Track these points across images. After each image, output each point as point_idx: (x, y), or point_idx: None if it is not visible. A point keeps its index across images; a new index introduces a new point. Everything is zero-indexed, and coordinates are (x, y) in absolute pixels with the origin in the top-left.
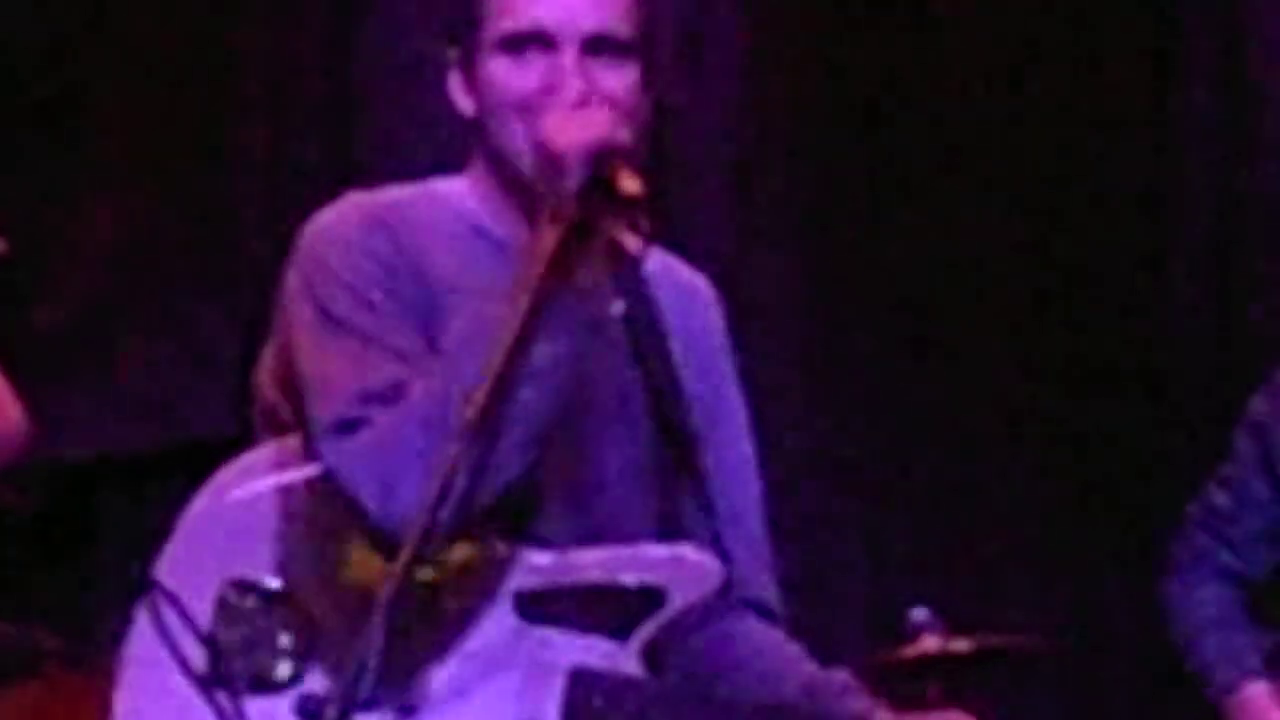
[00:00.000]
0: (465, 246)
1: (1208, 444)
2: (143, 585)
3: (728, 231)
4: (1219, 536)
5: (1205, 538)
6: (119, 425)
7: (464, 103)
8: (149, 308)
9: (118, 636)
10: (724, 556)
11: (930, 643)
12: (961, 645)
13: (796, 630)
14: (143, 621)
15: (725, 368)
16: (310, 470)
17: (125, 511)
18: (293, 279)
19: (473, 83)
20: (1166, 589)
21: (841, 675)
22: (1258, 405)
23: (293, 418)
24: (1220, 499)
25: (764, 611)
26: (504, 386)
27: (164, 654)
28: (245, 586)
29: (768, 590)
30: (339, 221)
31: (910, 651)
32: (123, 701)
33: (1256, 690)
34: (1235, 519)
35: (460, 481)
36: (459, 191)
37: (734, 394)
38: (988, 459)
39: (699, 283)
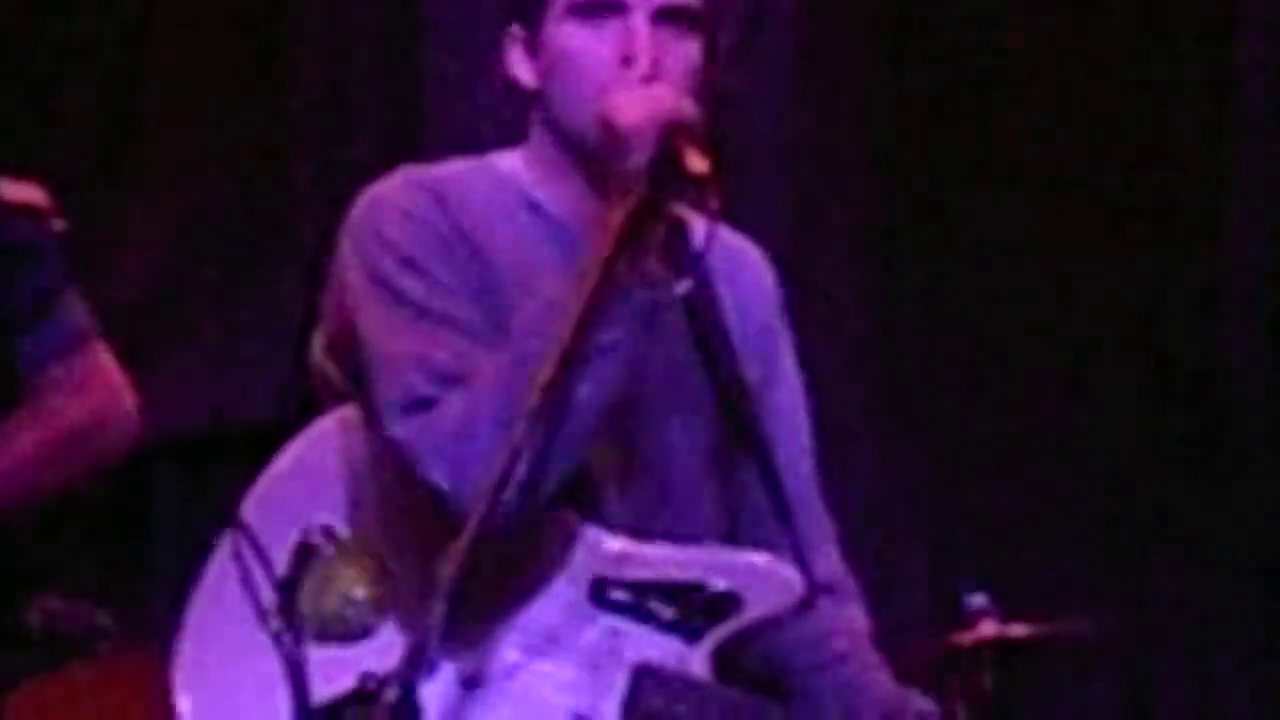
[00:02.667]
0: (519, 221)
1: (1266, 437)
2: (203, 550)
3: (786, 219)
4: None
5: None
6: (176, 409)
7: (525, 75)
8: (205, 294)
9: (173, 618)
10: (799, 552)
11: (987, 628)
12: (1018, 631)
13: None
14: (220, 560)
15: (780, 341)
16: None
17: (181, 494)
18: (348, 252)
19: (537, 53)
20: None
21: (920, 703)
22: None
23: (347, 386)
24: None
25: (833, 591)
26: (569, 368)
27: (237, 591)
28: (327, 535)
29: (831, 564)
30: (393, 194)
31: (967, 637)
32: (190, 632)
33: None
34: None
35: (525, 463)
36: (514, 166)
37: (788, 367)
38: (1049, 448)
39: (749, 249)
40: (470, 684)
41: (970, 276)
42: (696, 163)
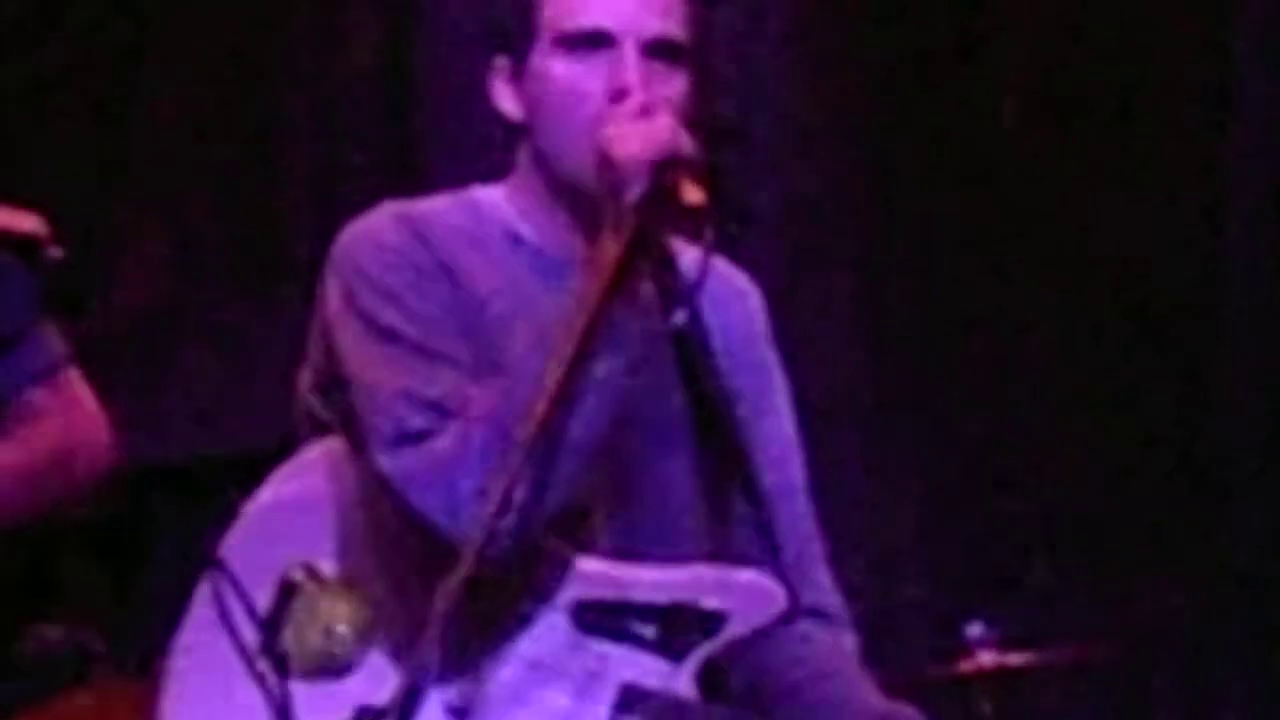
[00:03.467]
0: (502, 254)
1: (1259, 454)
2: (204, 566)
3: (779, 249)
4: None
5: None
6: (175, 436)
7: (511, 107)
8: (200, 319)
9: (168, 644)
10: (782, 570)
11: (985, 657)
12: (1016, 660)
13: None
14: (202, 599)
15: (769, 367)
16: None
17: (177, 521)
18: (333, 289)
19: (524, 85)
20: None
21: (908, 713)
22: None
23: (333, 420)
24: None
25: (820, 614)
26: (563, 400)
27: (219, 632)
28: (309, 571)
29: (821, 588)
30: (375, 230)
31: (965, 666)
32: (174, 677)
33: None
34: None
35: (520, 494)
36: (497, 200)
37: (779, 393)
38: (1043, 469)
39: (738, 277)
40: (457, 714)
41: (963, 293)
42: (693, 194)
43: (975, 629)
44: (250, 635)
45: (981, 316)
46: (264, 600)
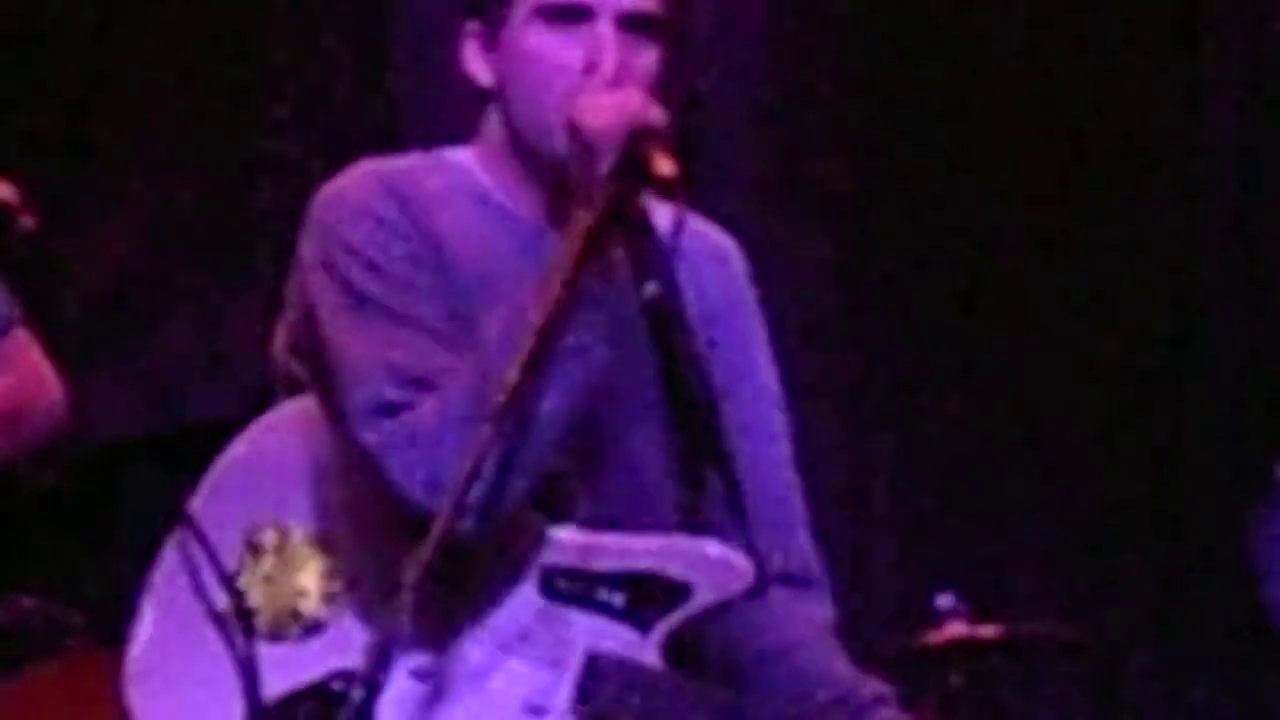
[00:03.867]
0: (474, 217)
1: (1238, 427)
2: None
3: (760, 218)
4: None
5: None
6: (143, 406)
7: (482, 74)
8: (172, 291)
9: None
10: (751, 541)
11: (955, 629)
12: (987, 632)
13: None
14: (170, 556)
15: (751, 326)
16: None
17: (149, 493)
18: (309, 251)
19: (498, 53)
20: (1256, 556)
21: (875, 685)
22: None
23: (309, 380)
24: None
25: (796, 581)
26: (536, 372)
27: (187, 589)
28: (275, 530)
29: (799, 553)
30: (351, 191)
31: (935, 638)
32: (141, 635)
33: None
34: None
35: (491, 468)
36: (466, 162)
37: (760, 354)
38: (1017, 446)
39: (721, 241)
40: (421, 677)
41: (942, 270)
42: (664, 166)
43: (946, 600)
44: (217, 592)
45: (966, 293)
46: (232, 556)
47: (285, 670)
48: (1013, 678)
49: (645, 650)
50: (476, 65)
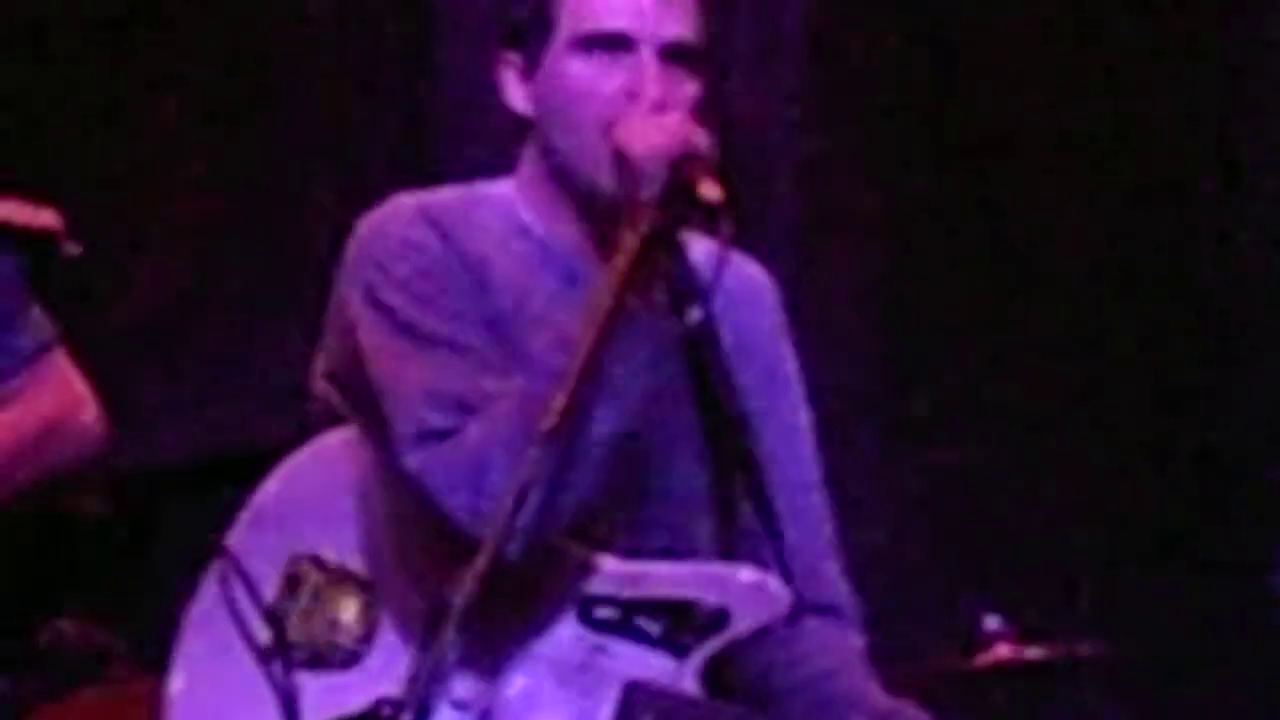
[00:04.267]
0: (515, 247)
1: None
2: (212, 554)
3: (797, 240)
4: None
5: None
6: (188, 431)
7: (521, 103)
8: (218, 316)
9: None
10: (786, 568)
11: (1002, 651)
12: (1033, 653)
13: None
14: (209, 590)
15: (783, 360)
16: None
17: (190, 517)
18: (350, 282)
19: (537, 82)
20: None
21: (910, 711)
22: None
23: (349, 412)
24: None
25: (829, 611)
26: (583, 398)
27: (226, 622)
28: (315, 562)
29: (829, 584)
30: (391, 222)
31: (982, 659)
32: (181, 669)
33: None
34: None
35: (537, 493)
36: (506, 194)
37: (792, 387)
38: (1064, 467)
39: (752, 271)
40: (461, 707)
41: (976, 295)
42: (710, 190)
43: (992, 621)
44: (257, 625)
45: (999, 312)
46: (271, 588)
47: (326, 701)
48: (1058, 700)
49: (683, 677)
50: (515, 95)
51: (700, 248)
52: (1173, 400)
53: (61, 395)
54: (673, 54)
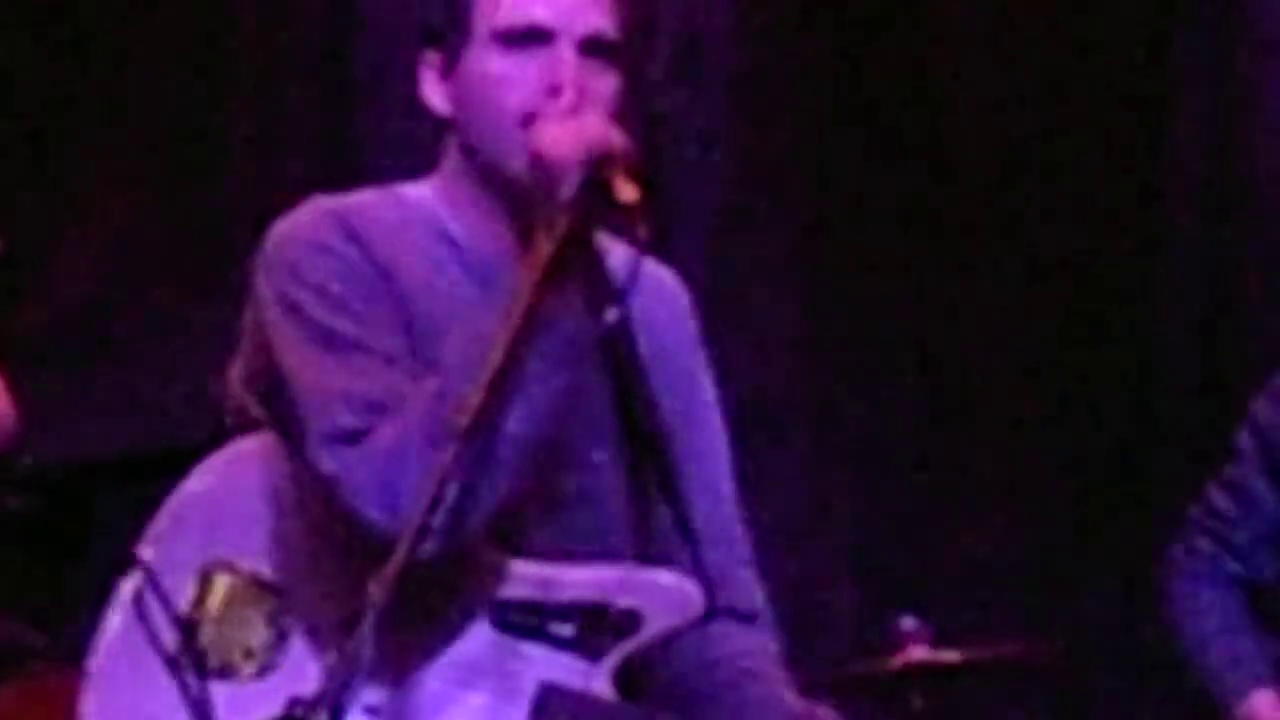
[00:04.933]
0: (431, 249)
1: (1198, 447)
2: (127, 563)
3: (720, 244)
4: (1222, 541)
5: (1208, 542)
6: (115, 428)
7: (440, 103)
8: (141, 310)
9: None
10: (701, 570)
11: (917, 652)
12: (949, 655)
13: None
14: (122, 597)
15: (698, 367)
16: (295, 469)
17: (116, 513)
18: (265, 286)
19: (456, 81)
20: (1170, 594)
21: (826, 713)
22: (1261, 409)
23: (264, 417)
24: (1223, 502)
25: (743, 616)
26: (498, 399)
27: (139, 631)
28: (228, 568)
29: (745, 590)
30: (304, 227)
31: (897, 661)
32: (94, 675)
33: (1265, 698)
34: (1239, 523)
35: (453, 491)
36: (424, 195)
37: (706, 393)
38: (979, 467)
39: (664, 276)
40: (374, 713)
41: (901, 297)
42: (627, 191)
43: (908, 622)
44: (169, 634)
45: (926, 313)
46: (184, 596)
47: (240, 709)
48: (975, 700)
49: (597, 680)
50: (434, 94)
51: (619, 251)
52: (1095, 402)
53: None
54: (591, 47)
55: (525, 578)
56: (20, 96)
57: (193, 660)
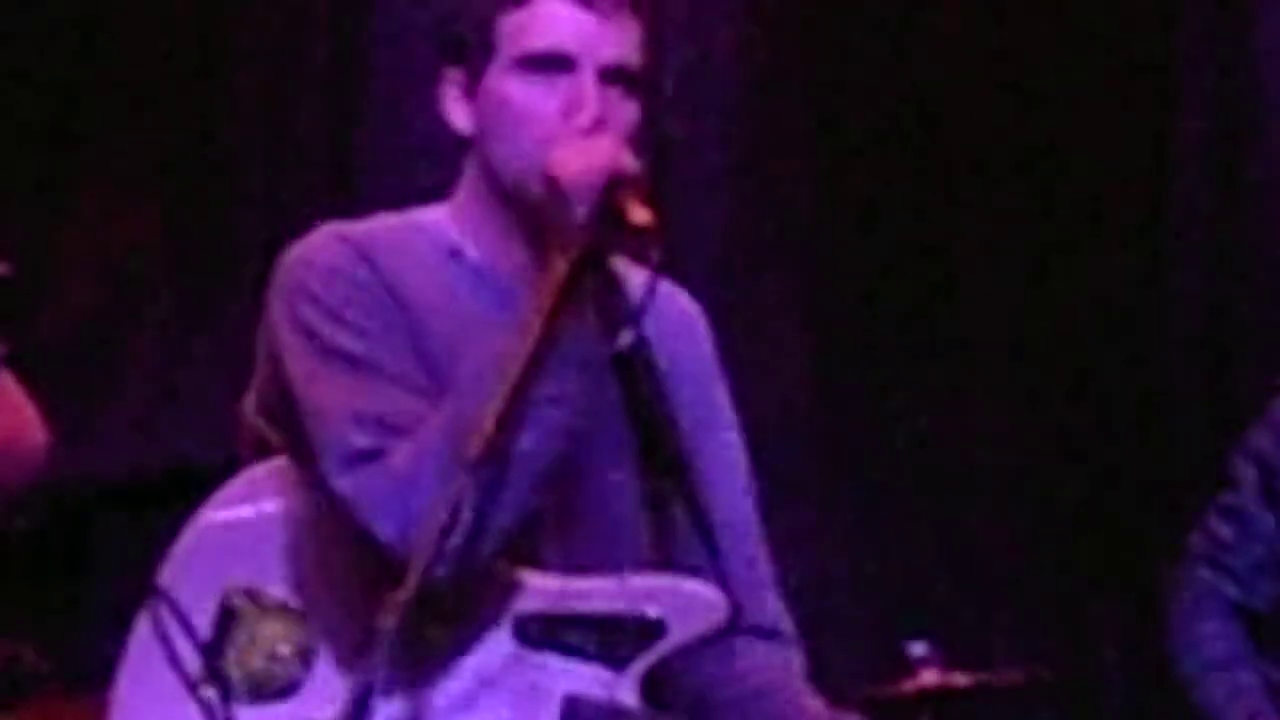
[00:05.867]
0: (445, 272)
1: (1200, 474)
2: (144, 593)
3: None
4: (1222, 568)
5: (1208, 570)
6: (118, 449)
7: (461, 121)
8: (148, 332)
9: (112, 661)
10: (725, 583)
11: (929, 677)
12: (960, 680)
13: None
14: (142, 627)
15: (715, 388)
16: (313, 493)
17: (121, 536)
18: (278, 310)
19: (477, 101)
20: (1170, 623)
21: (852, 718)
22: (1259, 438)
23: (281, 443)
24: (1223, 530)
25: (767, 634)
26: (513, 420)
27: (161, 659)
28: (249, 594)
29: (768, 609)
30: (318, 251)
31: (909, 685)
32: (118, 705)
33: None
34: (1238, 550)
35: (468, 513)
36: (439, 219)
37: (725, 415)
38: (988, 494)
39: (683, 301)
40: None
41: (911, 320)
42: (640, 214)
43: (919, 648)
44: (192, 661)
45: (935, 335)
46: (206, 623)
47: None
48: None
49: (622, 690)
50: (456, 112)
51: (636, 276)
52: (1104, 427)
53: (5, 420)
54: (613, 76)
55: (545, 591)
56: (23, 117)
57: (217, 686)
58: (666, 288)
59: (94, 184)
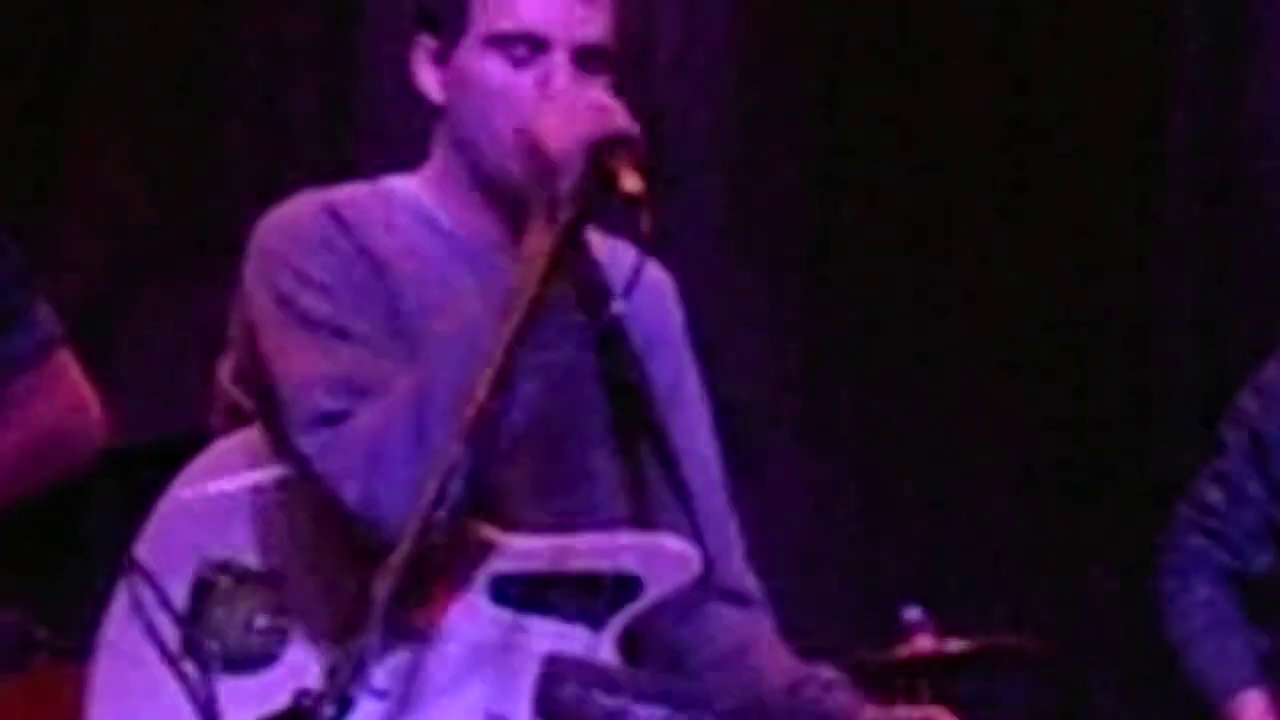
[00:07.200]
0: (418, 241)
1: (1194, 439)
2: (123, 566)
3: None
4: (1213, 534)
5: (1199, 536)
6: (112, 416)
7: (433, 89)
8: (144, 300)
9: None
10: (701, 541)
11: (923, 643)
12: (954, 645)
13: (787, 629)
14: (120, 600)
15: (685, 358)
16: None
17: (118, 507)
18: (252, 275)
19: (449, 73)
20: (1161, 589)
21: (826, 671)
22: (1247, 403)
23: (254, 411)
24: (1213, 496)
25: (738, 598)
26: (499, 389)
27: (140, 632)
28: (224, 567)
29: (738, 573)
30: (294, 217)
31: (902, 651)
32: (98, 680)
33: (1253, 697)
34: (1229, 516)
35: (458, 484)
36: (412, 187)
37: (694, 384)
38: (977, 459)
39: (651, 267)
40: (380, 695)
41: (900, 296)
42: (631, 182)
43: (913, 612)
44: (170, 633)
45: (924, 311)
46: (182, 595)
47: (245, 703)
48: (979, 691)
49: (601, 648)
50: (427, 80)
51: (602, 245)
52: (1092, 404)
53: (65, 401)
54: (586, 56)
55: (524, 552)
56: (19, 87)
57: (195, 657)
58: (631, 254)
59: (88, 155)
